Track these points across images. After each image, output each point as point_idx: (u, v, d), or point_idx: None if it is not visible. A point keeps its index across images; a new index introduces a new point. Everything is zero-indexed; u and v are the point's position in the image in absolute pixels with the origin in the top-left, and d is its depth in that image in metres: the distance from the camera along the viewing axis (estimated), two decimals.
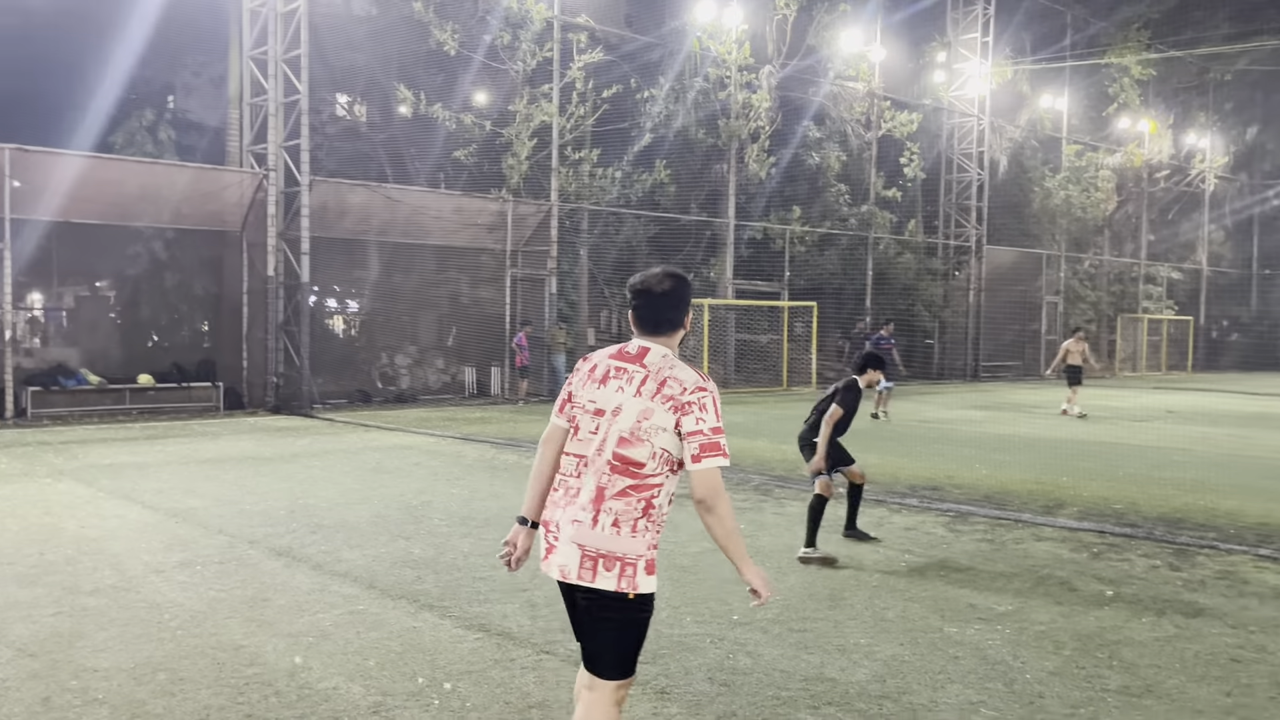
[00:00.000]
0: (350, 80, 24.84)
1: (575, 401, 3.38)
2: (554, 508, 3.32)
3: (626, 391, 3.27)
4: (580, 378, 3.42)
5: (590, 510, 3.20)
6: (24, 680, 4.83)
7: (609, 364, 3.37)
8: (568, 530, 3.22)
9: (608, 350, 3.44)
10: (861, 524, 8.56)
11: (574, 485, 3.29)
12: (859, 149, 30.05)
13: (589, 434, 3.29)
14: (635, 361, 3.33)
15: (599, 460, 3.24)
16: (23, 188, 17.14)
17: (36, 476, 11.07)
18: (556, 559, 3.24)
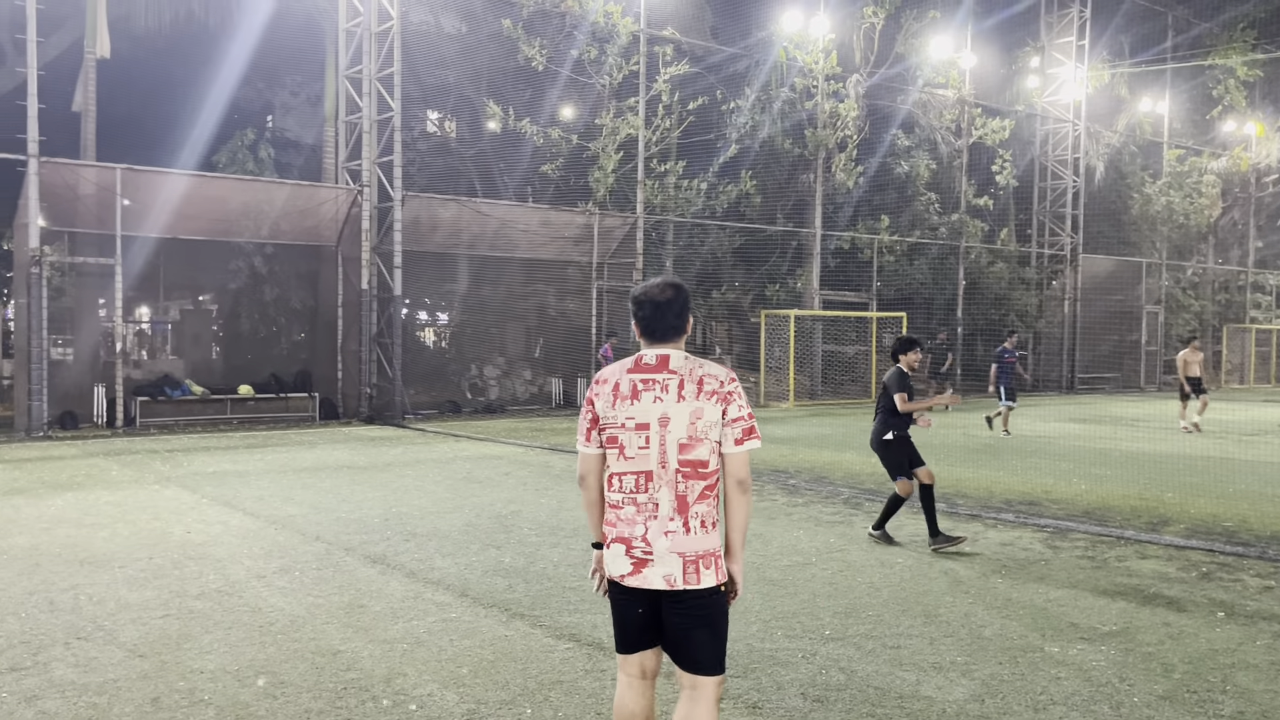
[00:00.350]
0: (441, 97, 25.36)
1: (608, 423, 3.44)
2: (630, 524, 3.39)
3: (666, 400, 3.39)
4: (604, 400, 3.46)
5: (679, 519, 3.35)
6: (134, 681, 5.01)
7: (632, 379, 3.44)
8: (662, 543, 3.34)
9: (620, 366, 3.51)
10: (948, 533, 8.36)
11: (646, 500, 3.38)
12: (949, 157, 29.53)
13: (639, 449, 3.38)
14: (660, 370, 3.44)
15: (665, 472, 3.37)
16: (132, 206, 17.86)
17: (145, 483, 11.50)
18: (655, 571, 3.34)
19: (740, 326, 29.29)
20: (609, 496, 3.47)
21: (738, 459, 3.42)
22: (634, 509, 3.39)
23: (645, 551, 3.35)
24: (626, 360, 3.52)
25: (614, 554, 3.43)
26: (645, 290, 3.54)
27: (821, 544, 8.42)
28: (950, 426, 19.40)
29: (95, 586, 6.81)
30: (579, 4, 22.29)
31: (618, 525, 3.43)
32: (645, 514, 3.37)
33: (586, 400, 3.54)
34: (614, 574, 3.44)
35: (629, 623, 3.47)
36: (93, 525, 8.96)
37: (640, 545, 3.36)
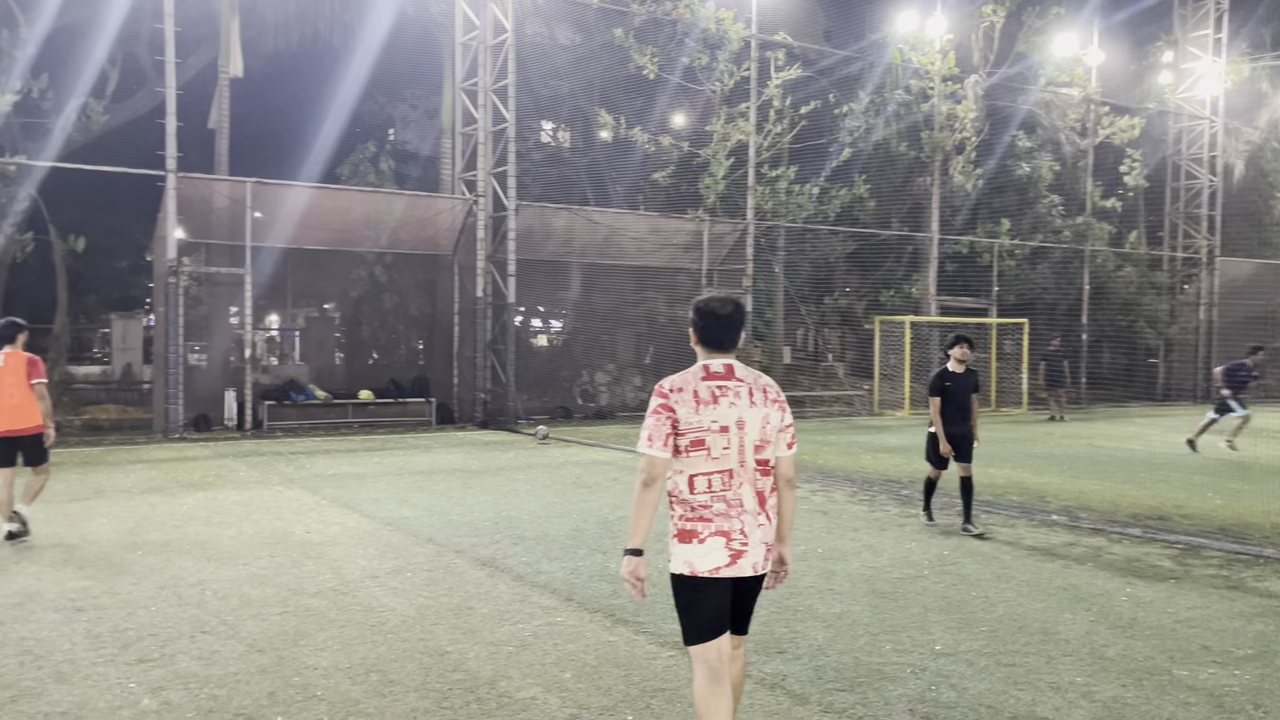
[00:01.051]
0: (554, 107, 25.74)
1: (690, 428, 3.67)
2: (725, 519, 3.67)
3: (740, 406, 3.72)
4: (686, 407, 3.68)
5: (763, 513, 3.75)
6: (253, 675, 5.19)
7: (708, 386, 3.73)
8: (756, 535, 3.72)
9: (693, 375, 3.77)
10: (1077, 554, 8.04)
11: (733, 498, 3.69)
12: (1074, 157, 28.47)
13: (723, 450, 3.68)
14: (730, 378, 3.77)
15: (745, 471, 3.71)
16: (261, 218, 18.62)
17: (269, 484, 11.96)
18: (747, 560, 3.70)
19: (854, 333, 28.81)
20: (694, 498, 3.68)
21: (789, 461, 3.86)
22: (724, 505, 3.68)
23: (743, 543, 3.68)
24: (695, 369, 3.79)
25: (711, 548, 3.66)
26: (708, 303, 3.83)
27: (934, 556, 8.19)
28: (1074, 437, 18.68)
29: (220, 582, 7.10)
30: (690, 11, 22.32)
31: (713, 521, 3.66)
32: (735, 509, 3.68)
33: (660, 407, 3.69)
34: (703, 568, 3.66)
35: (714, 611, 3.70)
36: (220, 523, 9.35)
37: (739, 538, 3.67)
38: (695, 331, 3.84)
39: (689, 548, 3.67)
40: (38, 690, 4.92)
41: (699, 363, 3.82)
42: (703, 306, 3.84)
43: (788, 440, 3.83)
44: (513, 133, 20.21)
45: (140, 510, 10.05)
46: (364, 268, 22.67)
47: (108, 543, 8.45)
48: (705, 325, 3.81)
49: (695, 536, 3.66)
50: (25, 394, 8.66)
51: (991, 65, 26.47)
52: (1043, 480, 12.75)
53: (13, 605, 6.46)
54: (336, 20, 21.81)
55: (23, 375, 8.67)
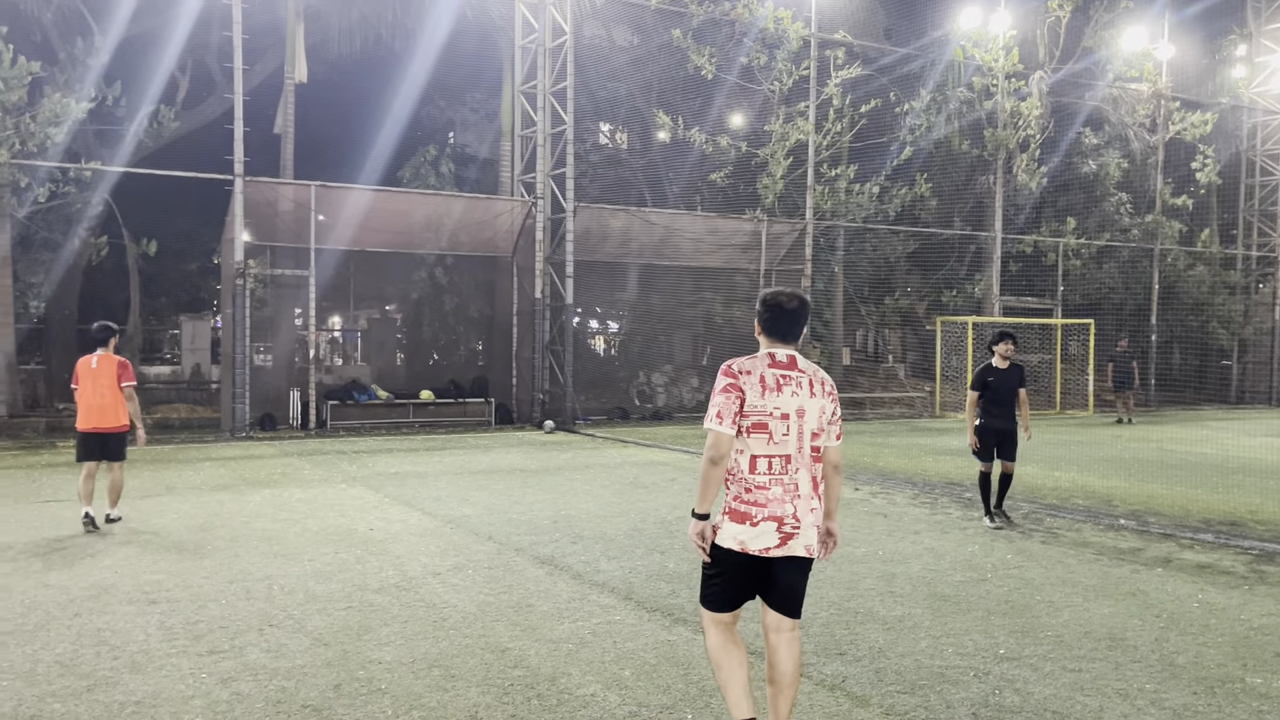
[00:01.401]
0: (612, 109, 25.81)
1: (754, 410, 3.91)
2: (780, 503, 3.91)
3: (801, 395, 3.98)
4: (753, 390, 3.92)
5: (816, 497, 4.01)
6: (319, 667, 5.29)
7: (774, 374, 3.97)
8: (808, 518, 3.97)
9: (760, 361, 4.00)
10: (1146, 559, 7.84)
11: (789, 481, 3.94)
12: (1142, 154, 27.83)
13: (782, 436, 3.93)
14: (793, 369, 4.01)
15: (801, 457, 3.97)
16: (324, 220, 18.95)
17: (333, 482, 12.17)
18: (799, 542, 3.95)
19: (914, 334, 28.48)
20: (752, 478, 3.91)
21: (837, 449, 4.15)
22: (780, 489, 3.92)
23: (795, 527, 3.93)
24: (761, 355, 4.03)
25: (763, 531, 3.90)
26: (776, 297, 4.08)
27: (998, 559, 8.06)
28: (1142, 440, 18.27)
29: (286, 578, 7.24)
30: (748, 11, 22.25)
31: (767, 505, 3.91)
32: (790, 493, 3.93)
33: (730, 386, 3.92)
34: (753, 548, 3.91)
35: (741, 586, 4.02)
36: (286, 520, 9.54)
37: (791, 522, 3.92)
38: (761, 323, 4.07)
39: (741, 528, 3.91)
40: (114, 680, 5.07)
41: (763, 350, 4.05)
42: (770, 299, 4.07)
43: (837, 431, 4.11)
44: (571, 134, 20.32)
45: (209, 506, 10.29)
46: (424, 269, 22.95)
47: (179, 537, 8.67)
48: (772, 317, 4.05)
49: (749, 519, 3.90)
50: (114, 394, 9.29)
51: (1057, 61, 25.99)
52: (1109, 484, 12.49)
53: (90, 597, 6.66)
54: (398, 25, 22.11)
55: (113, 377, 9.30)
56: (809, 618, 6.28)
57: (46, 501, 10.56)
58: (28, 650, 5.53)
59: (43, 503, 10.50)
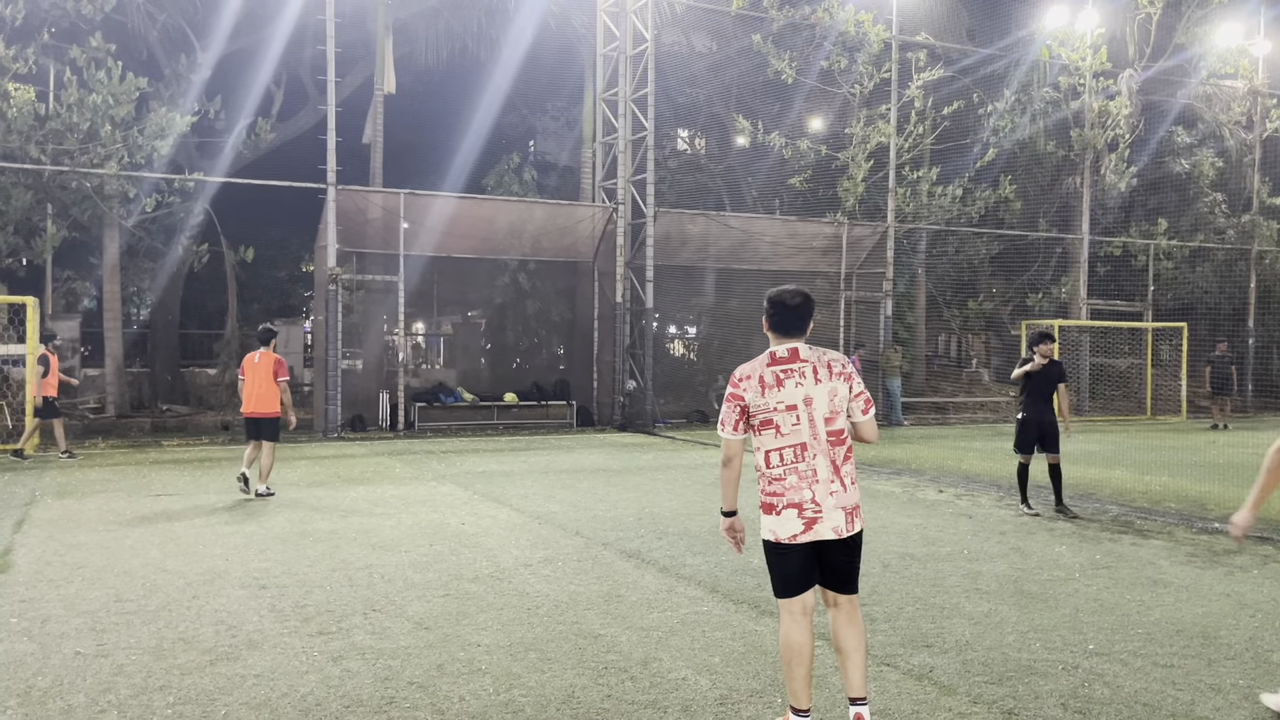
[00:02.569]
0: (691, 114, 26.00)
1: (758, 410, 4.14)
2: (797, 490, 4.10)
3: (806, 384, 4.14)
4: (752, 392, 4.15)
5: (837, 480, 4.13)
6: (422, 649, 5.55)
7: (773, 371, 4.16)
8: (829, 501, 4.10)
9: (758, 363, 4.21)
10: (1241, 562, 7.73)
11: (805, 469, 4.10)
12: (1238, 153, 27.03)
13: (792, 427, 4.11)
14: (794, 360, 4.17)
15: (817, 443, 4.12)
16: (410, 227, 19.48)
17: (423, 480, 12.54)
18: (826, 525, 4.09)
19: (999, 338, 28.05)
20: (769, 472, 4.14)
21: (869, 425, 4.25)
22: (796, 477, 4.10)
23: (815, 511, 4.09)
24: (762, 356, 4.23)
25: (786, 519, 4.11)
26: (780, 295, 4.24)
27: (1086, 559, 8.01)
28: (1239, 446, 17.77)
29: (385, 567, 7.55)
30: (828, 14, 22.24)
31: (785, 494, 4.11)
32: (807, 480, 4.10)
33: (730, 395, 4.21)
34: (783, 535, 4.12)
35: (795, 572, 4.17)
36: (381, 515, 9.90)
37: (810, 507, 4.09)
38: (766, 319, 4.26)
39: (770, 518, 4.16)
40: (233, 655, 5.40)
41: (767, 350, 4.25)
42: (775, 297, 4.25)
43: (861, 407, 4.21)
44: (651, 140, 20.55)
45: (308, 502, 10.72)
46: (507, 274, 23.39)
47: (282, 530, 9.07)
48: (775, 314, 4.23)
49: (773, 509, 4.14)
50: (270, 386, 11.16)
51: (1147, 58, 25.42)
52: (1203, 489, 12.23)
53: (205, 582, 7.04)
54: (483, 36, 22.63)
55: (270, 372, 11.15)
56: (894, 611, 6.35)
57: (157, 495, 11.11)
58: (152, 628, 5.90)
59: (154, 496, 11.05)
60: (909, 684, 5.02)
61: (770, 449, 4.13)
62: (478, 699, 4.79)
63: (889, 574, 7.46)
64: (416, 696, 4.81)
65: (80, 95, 16.92)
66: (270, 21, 20.16)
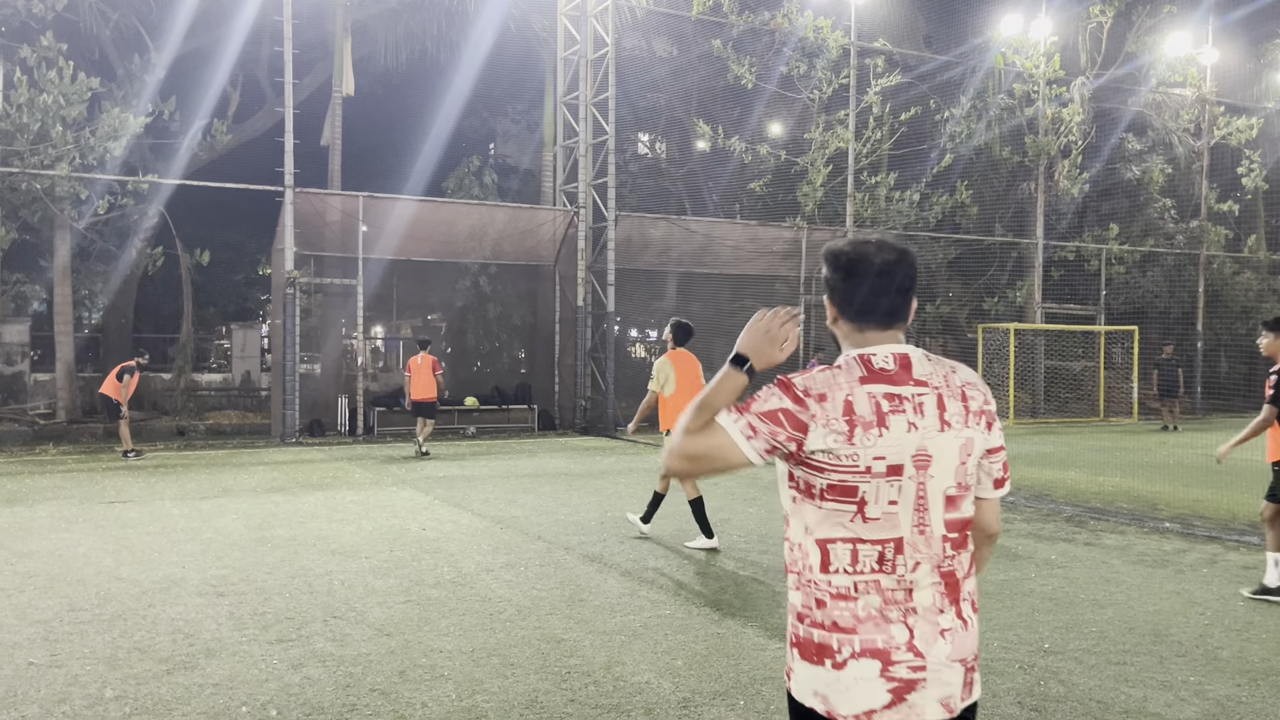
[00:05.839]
0: (652, 119, 26.06)
1: (835, 463, 2.20)
2: (879, 626, 2.20)
3: (923, 429, 2.23)
4: (831, 429, 2.19)
5: (953, 610, 2.28)
6: (383, 655, 5.52)
7: (872, 395, 2.22)
8: (939, 650, 2.23)
9: (846, 375, 2.25)
10: (1190, 561, 7.90)
11: (897, 586, 2.23)
12: (1187, 159, 27.60)
13: (888, 506, 2.21)
14: (907, 380, 2.26)
15: (926, 542, 2.24)
16: (368, 230, 19.32)
17: (383, 485, 12.46)
18: (930, 695, 2.21)
19: (956, 341, 28.38)
20: (826, 580, 2.24)
21: (995, 507, 2.43)
22: (880, 600, 2.22)
23: (914, 667, 2.21)
24: (848, 364, 2.28)
25: (854, 677, 2.20)
26: (859, 249, 2.33)
27: (1041, 559, 8.14)
28: (1188, 447, 18.13)
29: (345, 573, 7.49)
30: (788, 21, 22.41)
31: (857, 629, 2.21)
32: (899, 608, 2.23)
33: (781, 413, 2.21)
34: (845, 709, 2.20)
35: None
36: (341, 520, 9.82)
37: (906, 658, 2.20)
38: (836, 298, 2.36)
39: (820, 671, 2.24)
40: (191, 664, 5.33)
41: (850, 352, 2.32)
42: (846, 252, 2.34)
43: (997, 474, 2.39)
44: (613, 144, 20.57)
45: (266, 508, 10.60)
46: (468, 278, 23.30)
47: (239, 536, 8.97)
48: (856, 285, 2.32)
49: (829, 654, 2.22)
50: (430, 380, 16.01)
51: (1099, 66, 25.88)
52: (1154, 489, 12.47)
53: (160, 590, 6.95)
54: (443, 38, 22.52)
55: (431, 369, 16.06)
56: None
57: (111, 503, 10.94)
58: (107, 637, 5.81)
59: (107, 503, 10.87)
60: None
61: (838, 539, 2.23)
62: (440, 705, 4.77)
63: None
64: (378, 703, 4.78)
65: (31, 95, 16.60)
66: (226, 21, 19.92)
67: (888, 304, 2.32)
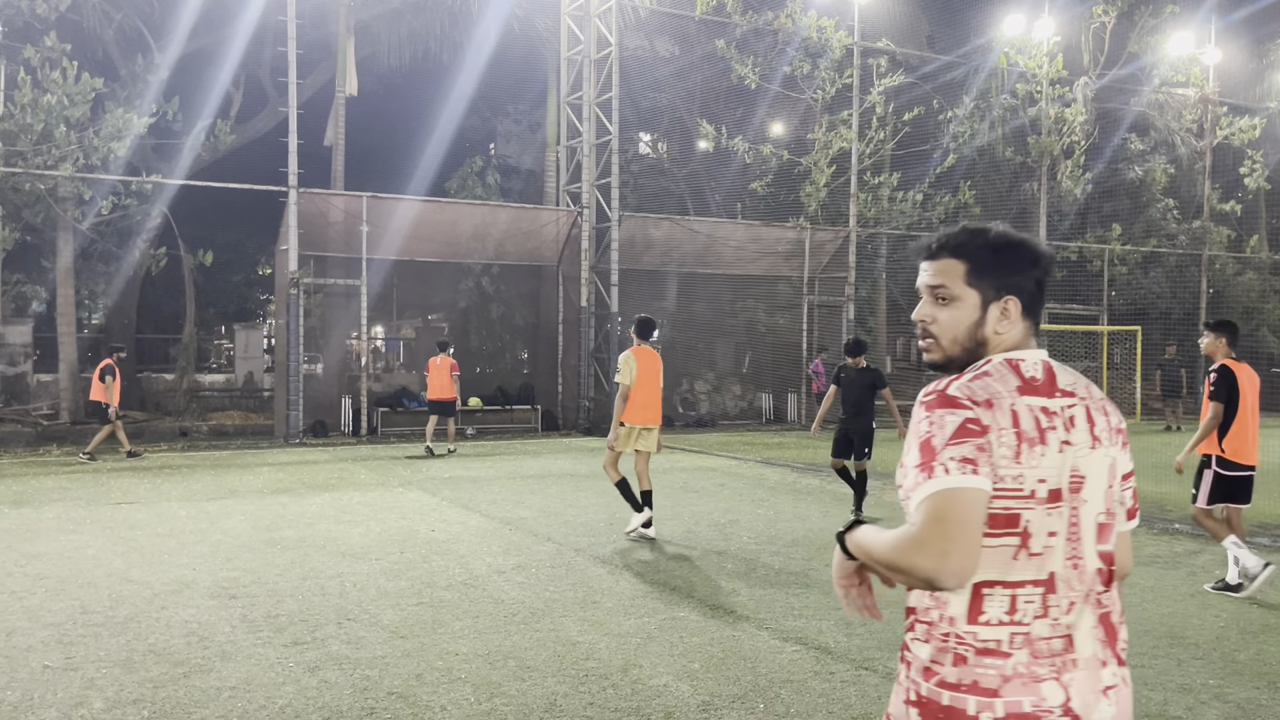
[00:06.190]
0: (655, 119, 26.04)
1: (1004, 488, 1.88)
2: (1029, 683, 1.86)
3: (1076, 443, 1.95)
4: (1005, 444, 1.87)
5: (1114, 662, 1.98)
6: (399, 658, 5.50)
7: (1031, 408, 1.93)
8: (1104, 714, 1.91)
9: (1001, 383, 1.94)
10: (1202, 562, 7.90)
11: (1054, 633, 1.90)
12: (1189, 160, 27.60)
13: (1046, 539, 1.91)
14: (1054, 391, 1.98)
15: (1080, 578, 1.94)
16: (371, 230, 19.28)
17: (389, 486, 12.44)
18: None
19: None
20: (976, 633, 1.89)
21: (1127, 541, 2.14)
22: (1029, 652, 1.89)
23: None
24: (999, 371, 1.97)
25: None
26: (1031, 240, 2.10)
27: None
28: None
29: (357, 575, 7.47)
30: (791, 20, 22.39)
31: (1002, 691, 1.87)
32: (1053, 661, 1.89)
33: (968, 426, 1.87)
34: None
35: None
36: (349, 522, 9.80)
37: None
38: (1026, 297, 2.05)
39: None
40: (207, 667, 5.31)
41: (995, 358, 2.02)
42: (1045, 248, 2.09)
43: (1129, 502, 2.11)
44: (616, 145, 20.55)
45: (273, 509, 10.58)
46: (471, 279, 23.28)
47: (248, 538, 8.94)
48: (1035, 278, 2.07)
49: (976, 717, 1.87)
50: (447, 380, 16.33)
51: (1102, 67, 25.88)
52: (1161, 490, 12.44)
53: (172, 592, 6.93)
54: (446, 38, 22.48)
55: (448, 370, 16.30)
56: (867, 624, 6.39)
57: (117, 504, 10.91)
58: (121, 640, 5.79)
59: (114, 505, 10.85)
60: (888, 687, 5.05)
61: (995, 582, 1.89)
62: (459, 708, 4.75)
63: None
64: (397, 707, 4.76)
65: (34, 96, 16.58)
66: (229, 22, 19.89)
67: (1039, 304, 2.11)
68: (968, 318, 2.05)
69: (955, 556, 1.77)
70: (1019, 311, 2.04)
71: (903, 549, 1.81)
